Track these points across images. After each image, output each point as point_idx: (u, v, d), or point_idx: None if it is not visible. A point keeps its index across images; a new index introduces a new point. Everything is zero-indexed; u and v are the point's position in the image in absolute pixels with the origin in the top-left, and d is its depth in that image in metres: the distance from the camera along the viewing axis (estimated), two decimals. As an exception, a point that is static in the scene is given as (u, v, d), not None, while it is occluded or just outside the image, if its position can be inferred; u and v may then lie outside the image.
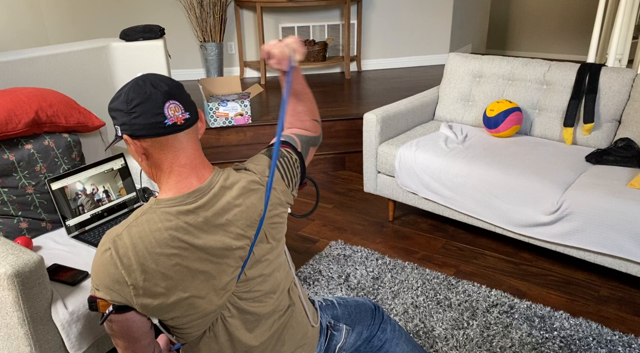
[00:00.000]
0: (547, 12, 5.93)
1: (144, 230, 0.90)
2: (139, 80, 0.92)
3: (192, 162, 0.95)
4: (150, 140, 0.92)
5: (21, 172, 1.75)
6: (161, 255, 0.90)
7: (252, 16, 4.77)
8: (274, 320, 1.07)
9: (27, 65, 2.33)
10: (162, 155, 0.93)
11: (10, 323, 1.38)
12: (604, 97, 2.38)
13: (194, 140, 0.96)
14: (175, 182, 0.94)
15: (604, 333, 1.87)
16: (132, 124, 0.90)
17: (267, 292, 1.04)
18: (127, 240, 0.90)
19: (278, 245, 1.05)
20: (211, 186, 0.96)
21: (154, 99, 0.90)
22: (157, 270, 0.90)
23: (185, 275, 0.92)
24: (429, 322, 1.94)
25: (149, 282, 0.90)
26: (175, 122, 0.91)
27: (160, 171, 0.95)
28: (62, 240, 1.76)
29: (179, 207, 0.92)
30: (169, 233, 0.91)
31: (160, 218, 0.91)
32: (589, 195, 1.97)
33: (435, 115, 2.89)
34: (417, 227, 2.67)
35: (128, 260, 0.89)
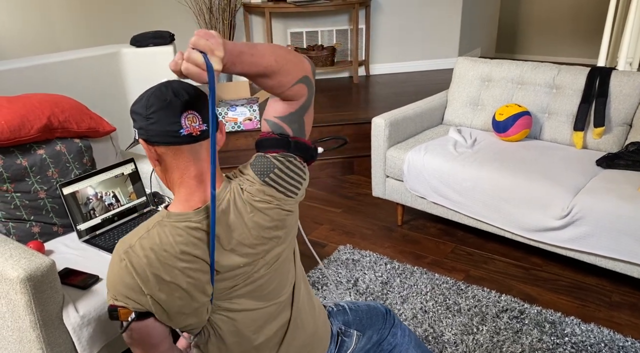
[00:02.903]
0: (557, 15, 5.91)
1: (156, 244, 0.91)
2: (162, 86, 0.92)
3: (202, 175, 0.94)
4: (164, 147, 0.91)
5: (33, 177, 1.77)
6: (174, 268, 0.91)
7: (260, 22, 4.80)
8: (279, 320, 1.08)
9: (39, 71, 2.36)
10: (175, 164, 0.93)
11: (23, 327, 1.39)
12: (615, 101, 2.36)
13: (207, 153, 0.95)
14: (185, 194, 0.95)
15: (616, 339, 1.85)
16: (149, 129, 0.91)
17: (272, 290, 1.04)
18: (140, 252, 0.91)
19: (287, 243, 1.05)
20: (218, 203, 0.95)
21: (173, 107, 0.89)
22: (171, 281, 0.92)
23: (197, 287, 0.94)
24: (438, 327, 1.93)
25: (164, 291, 0.92)
26: (190, 133, 0.90)
27: (172, 180, 0.96)
28: (73, 244, 1.77)
29: (187, 223, 0.93)
30: (180, 248, 0.92)
31: (172, 233, 0.92)
32: (599, 199, 1.96)
33: (444, 119, 2.88)
34: (426, 231, 2.66)
35: (143, 272, 0.91)
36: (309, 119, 1.03)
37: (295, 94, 0.96)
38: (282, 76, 0.92)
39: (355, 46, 4.68)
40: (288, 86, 0.94)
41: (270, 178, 0.98)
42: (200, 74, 0.77)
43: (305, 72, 0.96)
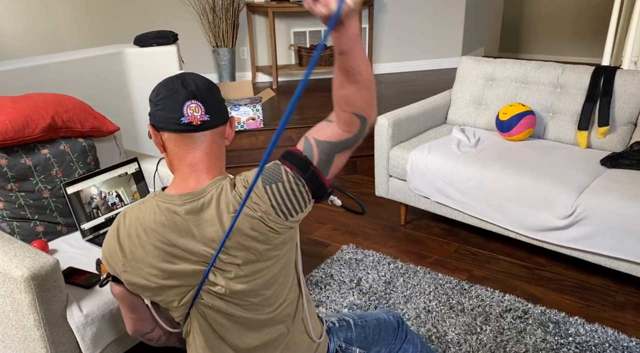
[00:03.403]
0: (561, 14, 5.88)
1: (140, 217, 0.97)
2: (175, 76, 0.96)
3: (197, 164, 0.97)
4: (167, 133, 0.96)
5: (37, 176, 1.77)
6: (148, 244, 0.96)
7: (264, 21, 4.80)
8: (267, 331, 1.05)
9: (43, 71, 2.37)
10: (175, 151, 0.97)
11: (27, 326, 1.40)
12: (619, 100, 2.35)
13: (208, 144, 0.97)
14: (179, 180, 0.98)
15: (621, 339, 1.84)
16: (155, 115, 0.96)
17: (260, 303, 1.01)
18: (127, 221, 0.98)
19: (277, 263, 1.00)
20: (203, 194, 0.95)
21: (178, 96, 0.94)
22: (143, 257, 0.96)
23: (168, 267, 0.96)
24: (442, 327, 1.93)
25: (135, 262, 0.97)
26: (190, 122, 0.94)
27: (172, 165, 1.00)
28: (77, 243, 1.78)
29: (169, 205, 0.96)
30: (157, 227, 0.95)
31: (155, 210, 0.96)
32: (604, 199, 1.95)
33: (448, 118, 2.88)
34: (430, 231, 2.66)
35: (123, 240, 0.98)
36: (339, 162, 0.98)
37: (346, 123, 0.92)
38: (357, 92, 0.88)
39: (358, 46, 4.67)
40: (351, 109, 0.90)
41: (271, 188, 0.94)
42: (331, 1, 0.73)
43: (369, 116, 0.93)
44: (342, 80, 0.87)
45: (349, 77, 0.86)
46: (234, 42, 4.65)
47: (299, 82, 4.91)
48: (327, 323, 1.22)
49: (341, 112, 0.91)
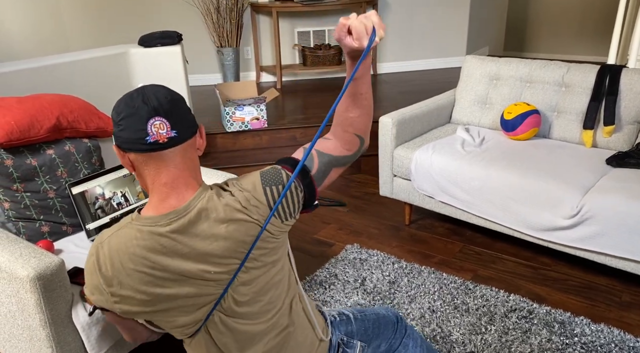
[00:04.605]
0: (566, 13, 5.86)
1: (121, 244, 0.92)
2: (134, 92, 0.91)
3: (173, 182, 0.93)
4: (134, 154, 0.91)
5: (43, 176, 1.78)
6: (135, 271, 0.92)
7: (268, 21, 4.80)
8: (269, 339, 1.03)
9: (49, 71, 2.38)
10: (146, 171, 0.93)
11: (33, 325, 1.40)
12: (625, 99, 2.34)
13: (179, 159, 0.93)
14: (157, 201, 0.93)
15: (627, 339, 1.83)
16: (119, 136, 0.91)
17: (259, 311, 1.00)
18: (107, 251, 0.93)
19: (274, 266, 1.00)
20: (188, 210, 0.92)
21: (139, 115, 0.88)
22: (132, 285, 0.92)
23: (160, 293, 0.93)
24: (446, 327, 1.93)
25: (125, 291, 0.93)
26: (157, 140, 0.89)
27: (146, 185, 0.95)
28: (82, 243, 1.79)
29: (152, 228, 0.91)
30: (143, 253, 0.91)
31: (136, 236, 0.91)
32: (609, 198, 1.94)
33: (452, 118, 2.87)
34: (434, 230, 2.65)
35: (106, 271, 0.93)
36: (333, 176, 1.02)
37: (347, 142, 1.01)
38: (361, 116, 0.98)
39: (362, 45, 4.67)
40: (353, 130, 0.99)
41: (271, 190, 0.94)
42: (363, 32, 0.84)
43: (366, 138, 1.03)
44: (349, 104, 0.97)
45: (356, 102, 0.96)
46: (238, 42, 4.66)
47: (303, 81, 4.92)
48: (329, 317, 1.22)
49: (343, 132, 1.00)
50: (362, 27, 0.84)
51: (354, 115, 0.98)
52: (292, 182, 0.87)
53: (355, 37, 0.85)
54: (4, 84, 2.23)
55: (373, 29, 0.84)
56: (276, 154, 3.47)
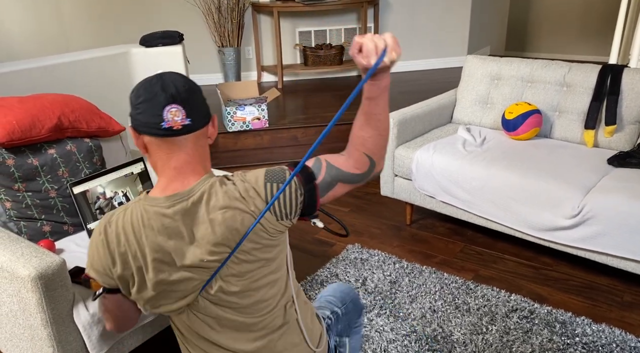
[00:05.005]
0: (567, 12, 5.85)
1: (128, 223, 0.96)
2: (154, 77, 0.95)
3: (182, 167, 0.96)
4: (148, 137, 0.95)
5: (44, 176, 1.79)
6: (139, 252, 0.95)
7: (269, 21, 4.80)
8: (256, 336, 1.04)
9: (50, 71, 2.39)
10: (157, 154, 0.96)
11: (34, 325, 1.41)
12: (627, 99, 2.34)
13: (190, 147, 0.96)
14: (164, 183, 0.97)
15: (628, 340, 1.83)
16: (135, 118, 0.95)
17: (248, 305, 1.01)
18: (115, 228, 0.97)
19: (268, 265, 1.00)
20: (191, 194, 0.95)
21: (157, 101, 0.92)
22: (134, 264, 0.97)
23: (159, 272, 0.96)
24: (447, 327, 1.93)
25: (128, 271, 0.97)
26: (171, 127, 0.93)
27: (156, 170, 0.99)
28: (83, 243, 1.79)
29: (157, 208, 0.95)
30: (147, 231, 0.95)
31: (142, 214, 0.96)
32: (611, 198, 1.94)
33: (453, 118, 2.87)
34: (435, 230, 2.65)
35: (114, 249, 0.97)
36: (338, 191, 1.02)
37: (357, 161, 1.00)
38: (373, 137, 0.98)
39: (363, 45, 4.67)
40: (364, 149, 0.99)
41: (272, 186, 0.96)
42: (372, 51, 0.87)
43: (378, 161, 1.02)
44: (362, 123, 0.98)
45: (370, 122, 0.97)
46: (240, 41, 4.66)
47: (304, 81, 4.91)
48: (324, 323, 1.22)
49: (354, 150, 1.00)
50: (372, 46, 0.86)
51: (366, 135, 0.98)
52: (290, 180, 0.88)
53: (364, 55, 0.87)
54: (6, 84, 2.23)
55: (384, 49, 0.86)
56: (277, 153, 3.47)
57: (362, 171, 1.01)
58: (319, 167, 1.00)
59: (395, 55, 0.87)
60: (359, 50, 0.89)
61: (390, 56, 0.87)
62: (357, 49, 0.89)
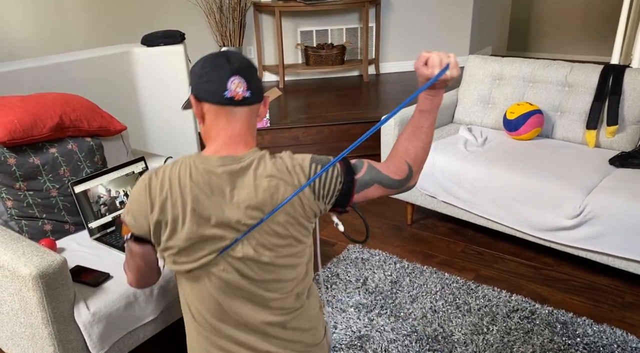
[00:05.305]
0: (569, 12, 5.84)
1: (175, 174, 1.00)
2: (219, 53, 1.03)
3: (237, 136, 1.03)
4: (208, 105, 1.02)
5: (46, 175, 1.79)
6: (179, 201, 0.99)
7: (270, 20, 4.80)
8: (269, 313, 1.06)
9: (52, 70, 2.39)
10: (214, 123, 1.03)
11: (35, 323, 1.41)
12: (629, 99, 2.33)
13: (246, 119, 1.03)
14: (217, 147, 1.03)
15: (629, 340, 1.82)
16: (200, 87, 1.01)
17: (267, 281, 1.03)
18: (160, 177, 1.01)
19: (296, 245, 1.04)
20: (242, 159, 1.01)
21: (223, 71, 1.00)
22: (172, 211, 0.99)
23: (194, 225, 0.99)
24: (448, 327, 1.92)
25: (164, 219, 1.00)
26: (233, 97, 1.00)
27: (209, 137, 1.04)
28: (84, 242, 1.79)
29: (207, 166, 1.00)
30: (193, 185, 0.99)
31: (191, 169, 1.00)
32: (612, 198, 1.93)
33: (455, 117, 2.87)
34: (436, 230, 2.65)
35: (154, 195, 1.01)
36: (373, 191, 1.08)
37: (398, 167, 1.08)
38: (416, 148, 1.07)
39: (365, 45, 4.66)
40: (406, 157, 1.07)
41: (316, 166, 1.03)
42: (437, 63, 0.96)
43: (415, 172, 1.09)
44: (409, 134, 1.07)
45: (417, 133, 1.06)
46: (241, 41, 4.66)
47: (305, 81, 4.91)
48: None
49: (397, 157, 1.08)
50: (437, 59, 0.97)
51: (410, 145, 1.07)
52: (334, 162, 0.94)
53: (429, 65, 0.97)
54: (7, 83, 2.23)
55: (447, 65, 0.96)
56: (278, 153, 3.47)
57: (400, 178, 1.08)
58: (360, 166, 1.08)
59: (456, 73, 0.97)
60: (424, 63, 0.98)
61: (451, 72, 0.96)
62: (423, 61, 0.98)
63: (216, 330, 1.06)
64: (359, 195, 1.07)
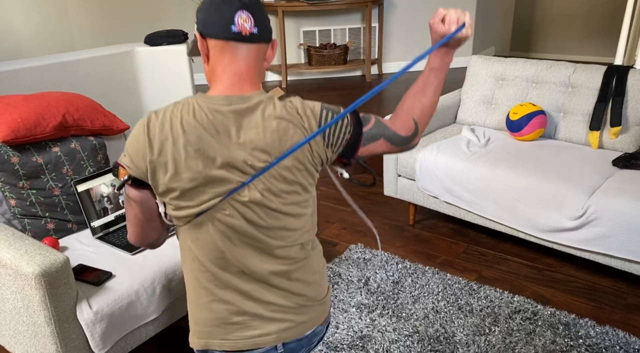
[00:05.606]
0: (573, 13, 5.83)
1: (176, 113, 0.96)
2: None
3: (243, 74, 0.99)
4: (214, 41, 0.98)
5: (49, 174, 1.79)
6: (181, 139, 0.94)
7: (273, 20, 4.80)
8: (274, 262, 1.02)
9: (55, 70, 2.39)
10: (219, 59, 0.99)
11: (38, 322, 1.41)
12: (632, 100, 2.33)
13: (252, 58, 0.99)
14: (223, 86, 0.99)
15: (632, 342, 1.82)
16: (205, 21, 0.98)
17: (274, 228, 1.01)
18: (162, 117, 0.96)
19: (302, 193, 1.02)
20: (250, 99, 0.97)
21: (230, 5, 0.96)
22: (174, 153, 0.94)
23: (199, 165, 0.95)
24: (450, 328, 1.92)
25: (163, 159, 0.95)
26: (240, 31, 0.96)
27: (214, 75, 1.00)
28: (87, 241, 1.79)
29: (212, 105, 0.96)
30: (196, 124, 0.94)
31: (195, 109, 0.96)
32: (615, 200, 1.93)
33: (457, 118, 2.86)
34: (438, 231, 2.64)
35: (153, 135, 0.95)
36: (379, 146, 1.08)
37: (403, 123, 1.08)
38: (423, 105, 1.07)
39: (367, 45, 4.66)
40: (412, 113, 1.08)
41: (327, 113, 1.01)
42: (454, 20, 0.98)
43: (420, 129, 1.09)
44: (417, 91, 1.07)
45: (425, 91, 1.07)
46: (244, 41, 4.66)
47: (308, 80, 4.91)
48: None
49: (402, 114, 1.08)
50: (455, 17, 0.98)
51: (418, 103, 1.07)
52: (345, 113, 0.93)
53: (446, 22, 0.99)
54: (11, 82, 2.24)
55: (464, 24, 0.98)
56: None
57: (406, 134, 1.08)
58: (368, 119, 1.06)
59: (470, 32, 0.98)
60: (440, 20, 0.99)
61: (466, 31, 0.98)
62: (439, 18, 0.99)
63: (218, 280, 1.02)
64: (365, 148, 1.06)
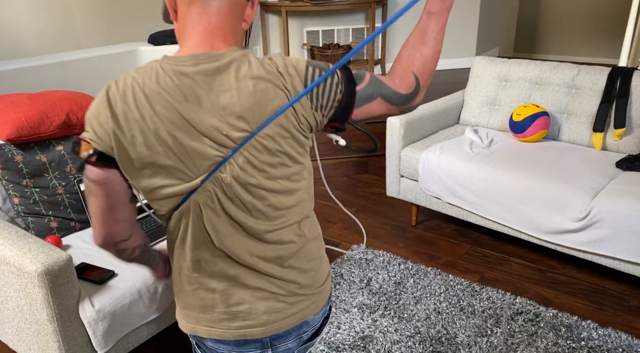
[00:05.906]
0: (577, 14, 5.81)
1: (138, 80, 0.84)
2: None
3: (213, 30, 0.86)
4: None
5: (52, 172, 1.80)
6: (147, 108, 0.83)
7: (277, 20, 4.81)
8: (267, 248, 0.93)
9: (59, 68, 2.40)
10: (188, 15, 0.87)
11: (40, 320, 1.42)
12: (636, 102, 2.32)
13: (225, 11, 0.87)
14: (190, 45, 0.87)
15: (634, 345, 1.81)
16: None
17: (262, 210, 0.90)
18: (122, 84, 0.85)
19: (290, 165, 0.90)
20: (220, 57, 0.84)
21: None
22: (141, 123, 0.84)
23: (165, 139, 0.84)
24: (452, 329, 1.92)
25: (129, 131, 0.84)
26: None
27: (184, 33, 0.88)
28: (90, 239, 1.80)
29: (177, 66, 0.84)
30: (160, 89, 0.83)
31: (157, 72, 0.84)
32: (619, 202, 1.92)
33: (460, 119, 2.86)
34: (441, 232, 2.64)
35: (115, 104, 0.84)
36: (375, 107, 0.93)
37: (402, 78, 0.92)
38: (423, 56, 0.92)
39: (371, 45, 4.66)
40: (412, 67, 0.92)
41: (314, 69, 0.87)
42: None
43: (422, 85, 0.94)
44: (415, 40, 0.92)
45: (425, 39, 0.92)
46: (247, 41, 4.67)
47: (311, 81, 4.91)
48: None
49: (401, 68, 0.92)
50: None
51: (417, 54, 0.92)
52: (334, 69, 0.80)
53: None
54: (15, 81, 2.25)
55: None
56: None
57: (407, 92, 0.93)
58: (362, 76, 0.92)
59: None
60: None
61: None
62: None
63: (204, 269, 0.93)
64: (360, 109, 0.92)
